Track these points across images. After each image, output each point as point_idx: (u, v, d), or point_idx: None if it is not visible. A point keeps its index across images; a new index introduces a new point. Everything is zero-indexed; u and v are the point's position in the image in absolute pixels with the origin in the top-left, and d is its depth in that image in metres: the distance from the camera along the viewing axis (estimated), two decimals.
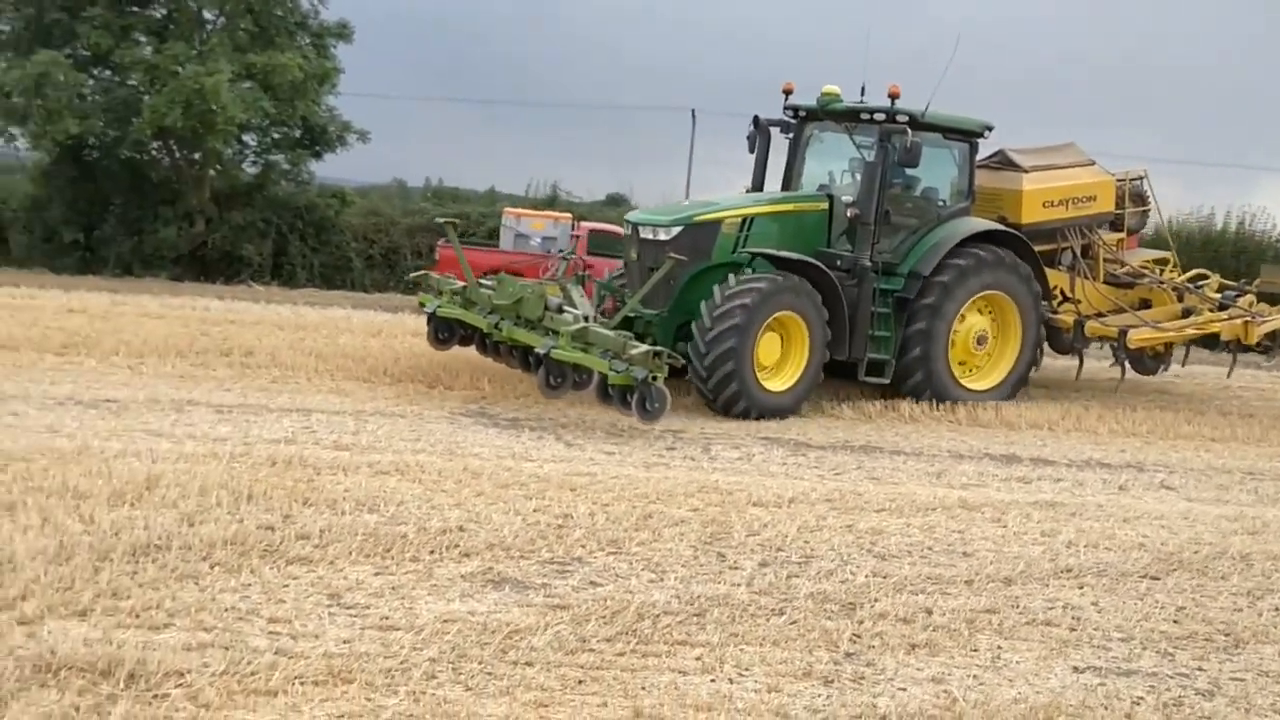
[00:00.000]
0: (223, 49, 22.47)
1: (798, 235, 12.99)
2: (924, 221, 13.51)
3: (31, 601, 5.09)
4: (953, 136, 13.73)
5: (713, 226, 12.57)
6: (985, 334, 13.60)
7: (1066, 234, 15.05)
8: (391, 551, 6.39)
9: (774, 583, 6.38)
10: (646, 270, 12.33)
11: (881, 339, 13.03)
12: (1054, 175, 15.04)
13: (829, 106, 13.68)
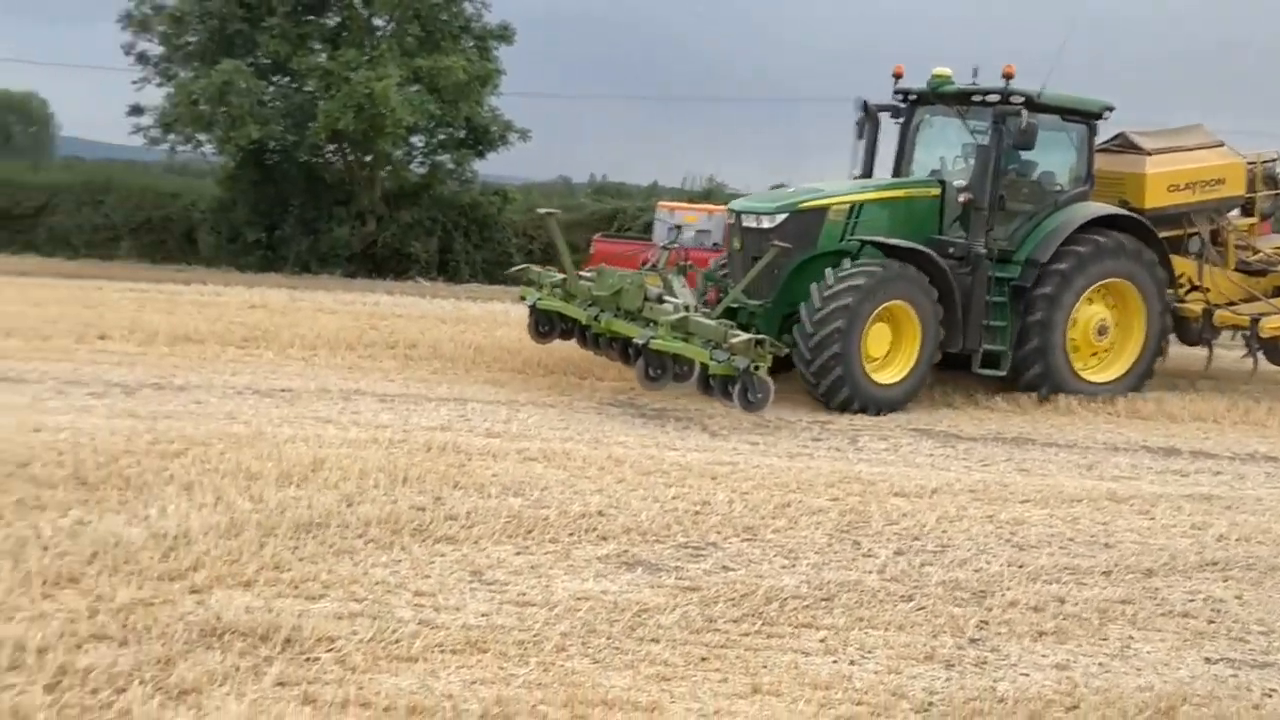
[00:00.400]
0: (391, 54, 23.34)
1: (908, 223, 12.49)
2: (1041, 207, 12.94)
3: (202, 572, 5.53)
4: (1070, 118, 13.13)
5: (819, 214, 12.17)
6: (1106, 324, 12.99)
7: (1193, 219, 14.33)
8: (533, 533, 6.68)
9: (906, 570, 6.44)
10: (750, 260, 12.03)
11: (997, 329, 12.50)
12: (1179, 157, 14.31)
13: (940, 89, 13.15)
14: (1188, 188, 14.11)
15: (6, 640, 4.52)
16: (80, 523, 6.22)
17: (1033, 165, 13.23)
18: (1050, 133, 12.90)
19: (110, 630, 4.75)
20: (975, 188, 12.44)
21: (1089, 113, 13.19)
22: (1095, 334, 12.85)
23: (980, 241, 12.31)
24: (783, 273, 11.94)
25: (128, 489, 7.03)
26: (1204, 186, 14.22)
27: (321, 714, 4.14)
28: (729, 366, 10.16)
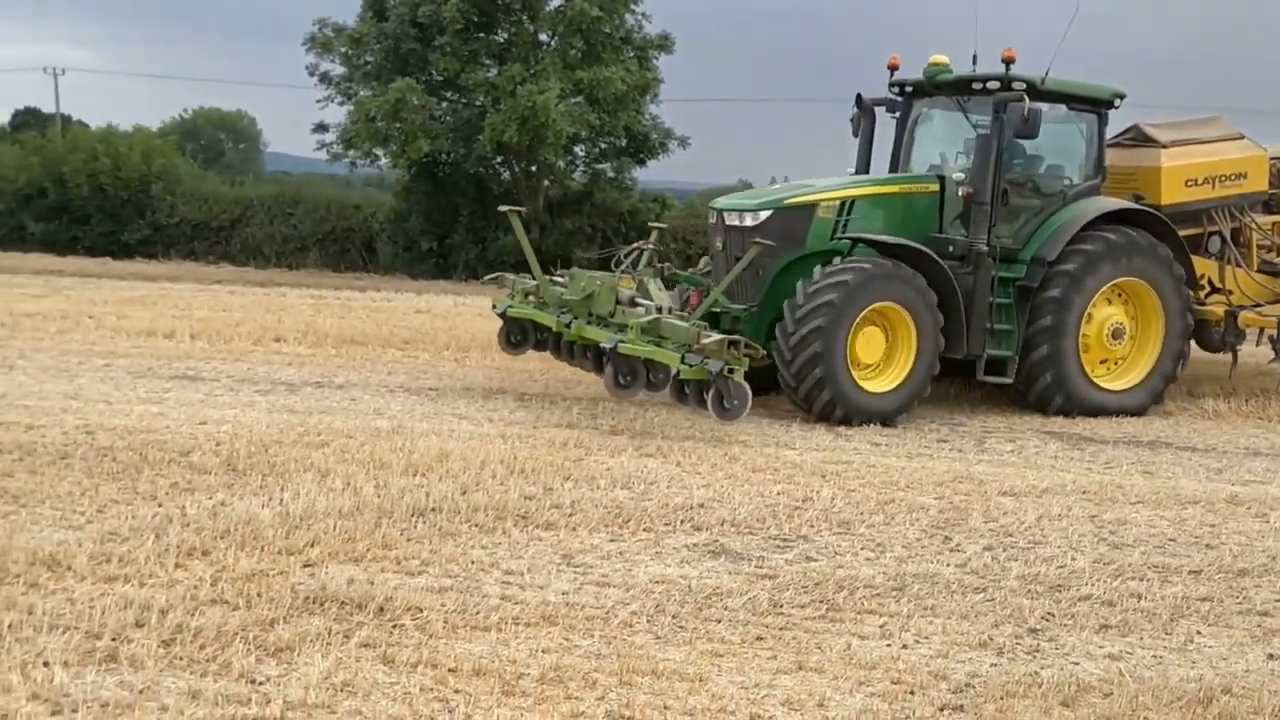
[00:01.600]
0: (554, 68, 24.16)
1: (906, 220, 11.73)
2: (1048, 202, 12.11)
3: (317, 548, 6.12)
4: (1079, 107, 12.27)
5: (806, 210, 11.43)
6: (1122, 327, 12.07)
7: (1214, 216, 13.31)
8: (629, 523, 7.06)
9: (989, 564, 6.56)
10: (733, 260, 11.25)
11: (1002, 333, 11.63)
12: (1197, 150, 13.31)
13: (937, 78, 12.32)
14: (1206, 182, 13.18)
15: (136, 600, 5.16)
16: (222, 504, 6.91)
17: (1040, 159, 12.56)
18: (1057, 123, 12.22)
19: (227, 596, 5.34)
20: (976, 181, 11.58)
21: (1098, 101, 12.34)
22: (1110, 338, 12.01)
23: (982, 239, 11.51)
24: (768, 274, 11.31)
25: (270, 475, 7.73)
26: (1224, 181, 13.28)
27: (395, 672, 4.61)
28: (701, 370, 9.53)
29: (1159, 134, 13.34)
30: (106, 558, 5.77)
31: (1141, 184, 13.01)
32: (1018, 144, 12.01)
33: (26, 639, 4.69)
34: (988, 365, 11.63)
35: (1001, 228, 11.75)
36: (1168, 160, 12.98)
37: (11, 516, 6.55)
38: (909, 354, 11.00)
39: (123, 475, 7.52)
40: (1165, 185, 12.94)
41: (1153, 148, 13.18)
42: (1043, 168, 12.50)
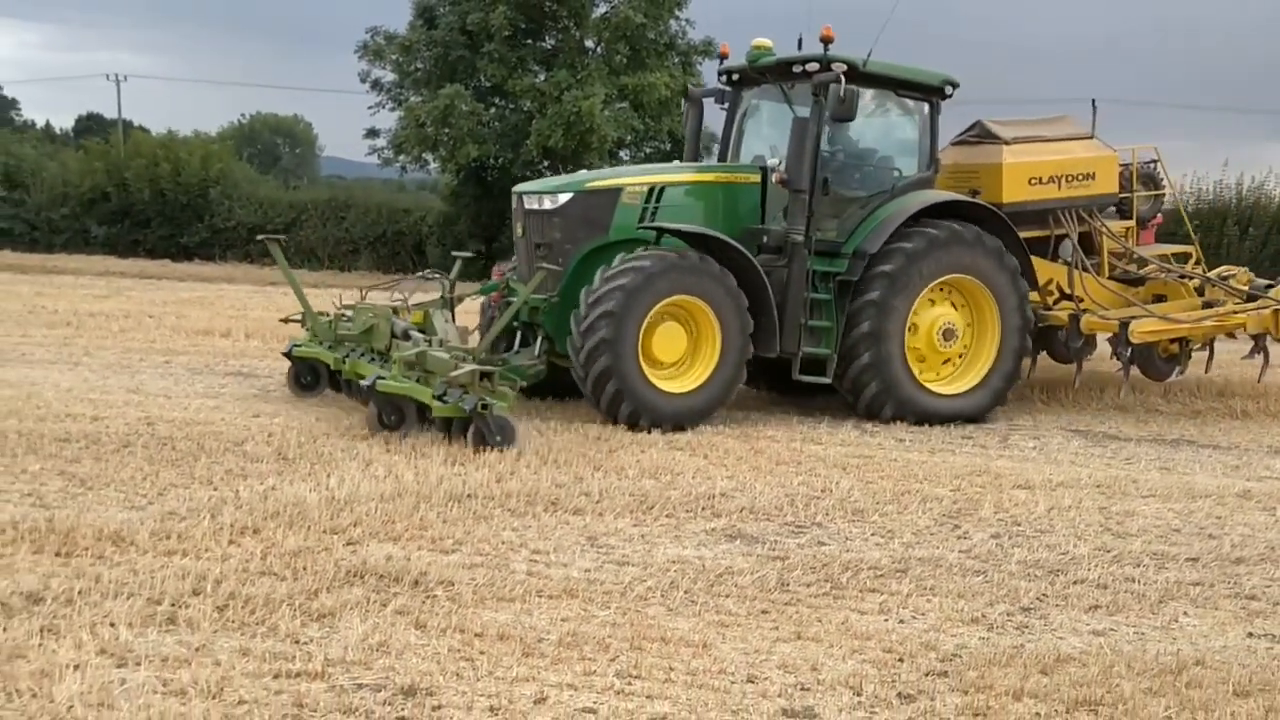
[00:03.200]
0: (599, 73, 24.66)
1: (725, 211, 11.13)
2: (874, 194, 11.49)
3: (359, 528, 6.58)
4: (908, 93, 11.74)
5: (609, 195, 10.82)
6: (953, 327, 11.45)
7: (1061, 218, 12.80)
8: (653, 509, 7.46)
9: (993, 550, 6.89)
10: (533, 247, 10.87)
11: (820, 330, 11.01)
12: (1042, 148, 12.82)
13: (758, 63, 11.66)
14: (1051, 181, 12.66)
15: (193, 571, 5.64)
16: (272, 488, 7.39)
17: (867, 149, 12.01)
18: (886, 110, 11.86)
19: (276, 569, 5.81)
20: (791, 168, 10.86)
21: (929, 87, 11.77)
22: (940, 339, 11.41)
23: (800, 230, 10.86)
24: (568, 261, 10.71)
25: (317, 463, 8.23)
26: (1071, 181, 12.78)
27: (426, 636, 5.04)
28: (455, 408, 8.75)
29: (1002, 130, 12.90)
30: (166, 534, 6.27)
31: (983, 181, 12.50)
32: (843, 133, 11.56)
33: (94, 603, 5.17)
34: (805, 364, 11.10)
35: (825, 220, 11.23)
36: (1010, 157, 12.51)
37: (79, 498, 7.08)
38: (713, 353, 10.40)
39: (181, 462, 8.04)
40: (1007, 183, 12.44)
41: (995, 144, 12.71)
42: (870, 158, 12.00)
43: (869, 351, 10.93)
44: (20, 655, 4.59)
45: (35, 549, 5.96)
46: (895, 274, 10.96)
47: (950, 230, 11.23)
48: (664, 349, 10.30)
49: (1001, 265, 11.46)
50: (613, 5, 25.49)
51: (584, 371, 10.05)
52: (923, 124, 11.86)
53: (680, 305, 10.28)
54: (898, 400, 11.10)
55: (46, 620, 4.96)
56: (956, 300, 11.58)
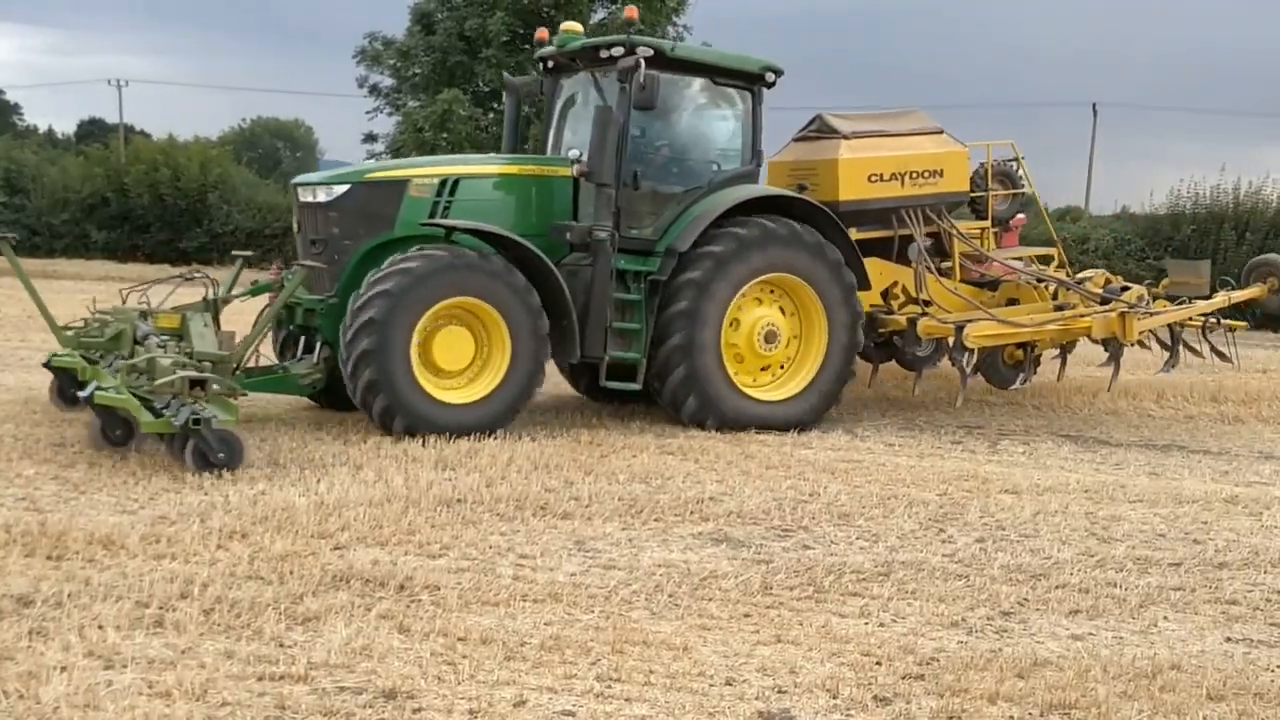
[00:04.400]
0: None
1: (530, 206, 10.43)
2: (692, 189, 10.86)
3: (347, 533, 6.64)
4: (725, 81, 10.99)
5: (395, 187, 10.04)
6: (776, 330, 10.81)
7: (905, 217, 12.07)
8: (641, 514, 7.52)
9: (976, 555, 6.95)
10: (309, 243, 10.13)
11: (629, 333, 10.30)
12: (883, 143, 12.14)
13: (566, 48, 11.01)
14: (894, 179, 11.98)
15: (181, 575, 5.70)
16: (262, 493, 7.45)
17: (690, 143, 11.27)
18: (703, 99, 11.13)
19: (263, 573, 5.87)
20: (593, 159, 10.08)
21: (748, 74, 11.02)
22: (761, 341, 10.79)
23: (606, 226, 10.09)
24: (345, 259, 9.92)
25: (308, 467, 8.29)
26: (916, 179, 12.09)
27: (410, 639, 5.09)
28: (166, 424, 7.77)
29: (841, 124, 12.28)
30: (156, 538, 6.32)
31: (820, 178, 11.92)
32: (655, 123, 10.89)
33: (83, 605, 5.23)
34: (613, 370, 10.42)
35: (637, 217, 10.59)
36: (847, 152, 11.89)
37: (72, 502, 7.14)
38: (503, 359, 9.65)
39: (173, 467, 8.09)
40: (844, 179, 11.79)
41: (832, 139, 12.09)
42: (687, 151, 11.26)
43: (683, 365, 10.34)
44: (8, 657, 4.65)
45: (27, 552, 6.02)
46: (704, 281, 10.35)
47: (763, 228, 10.58)
48: (448, 356, 9.54)
49: (822, 260, 10.84)
50: (610, 11, 25.59)
51: (351, 384, 9.35)
52: (744, 115, 11.16)
53: (464, 308, 9.52)
54: (719, 412, 10.50)
55: (36, 623, 5.02)
56: (786, 305, 11.01)
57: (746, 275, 10.58)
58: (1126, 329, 11.65)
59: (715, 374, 10.48)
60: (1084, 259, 29.76)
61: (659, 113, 10.64)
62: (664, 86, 10.25)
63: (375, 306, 9.18)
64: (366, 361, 9.19)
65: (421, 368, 9.43)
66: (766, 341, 10.80)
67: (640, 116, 10.48)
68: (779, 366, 11.05)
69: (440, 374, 9.58)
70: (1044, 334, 11.96)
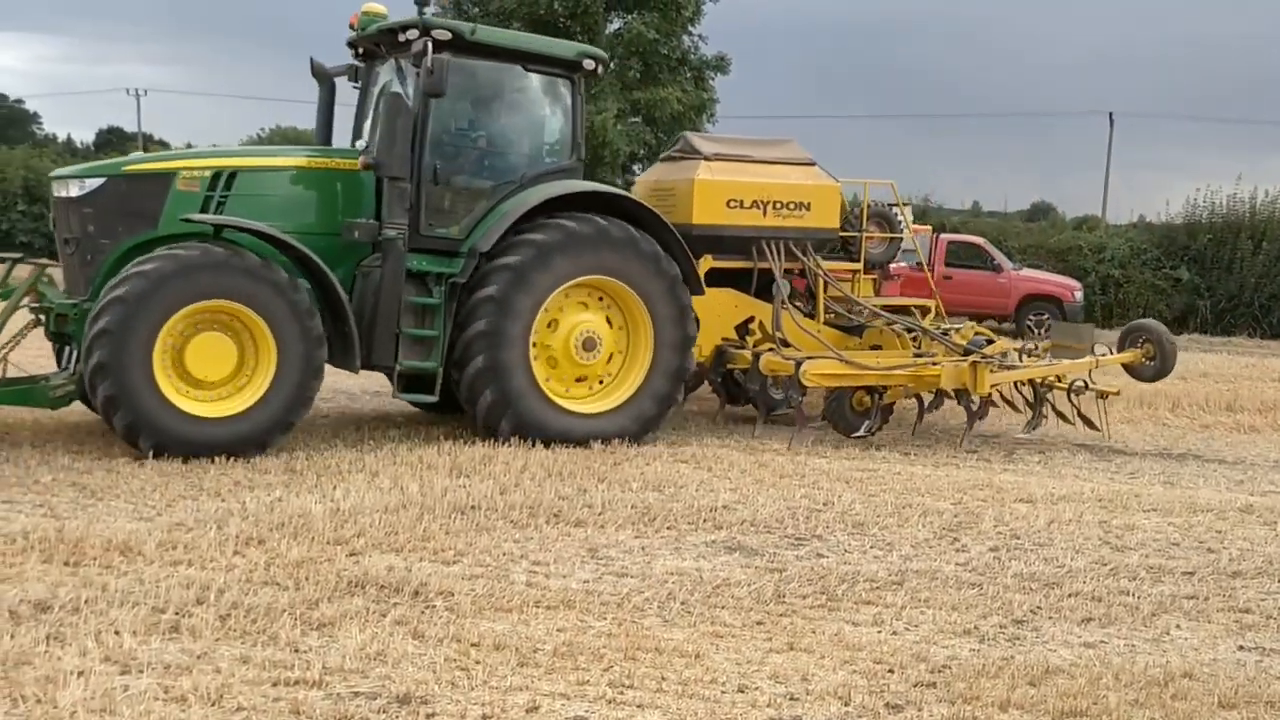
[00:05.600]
0: (612, 89, 24.81)
1: (324, 202, 9.63)
2: (504, 184, 10.09)
3: (362, 539, 6.68)
4: (540, 69, 10.22)
5: (159, 181, 9.16)
6: (595, 338, 10.03)
7: (766, 250, 11.48)
8: (654, 521, 7.54)
9: (990, 564, 6.95)
10: (63, 242, 9.30)
11: (425, 341, 9.53)
12: (746, 169, 11.57)
13: (367, 31, 10.19)
14: (755, 206, 11.44)
15: (197, 581, 5.75)
16: (278, 500, 7.50)
17: (502, 136, 10.49)
18: (517, 88, 10.34)
19: (279, 579, 5.91)
20: (381, 150, 9.30)
21: (563, 61, 10.27)
22: (579, 349, 9.99)
23: (400, 224, 9.32)
24: (101, 259, 9.03)
25: (324, 475, 8.34)
26: (780, 209, 11.55)
27: (424, 645, 5.13)
28: None
29: (703, 145, 11.86)
30: (173, 545, 6.37)
31: (677, 200, 11.40)
32: (463, 112, 10.22)
33: (100, 611, 5.28)
34: (406, 381, 9.66)
35: (442, 215, 9.85)
36: (705, 173, 11.38)
37: (90, 508, 7.20)
38: (268, 369, 8.78)
39: (190, 474, 8.15)
40: (698, 202, 11.23)
41: (693, 160, 11.62)
42: (499, 143, 10.47)
43: (484, 354, 9.47)
44: (26, 662, 4.69)
45: (45, 558, 6.07)
46: (520, 268, 9.55)
47: (595, 226, 9.84)
48: (205, 366, 8.64)
49: (656, 271, 10.08)
50: (626, 21, 25.69)
51: (92, 400, 8.56)
52: (562, 105, 10.42)
53: (222, 312, 8.66)
54: (518, 415, 9.64)
55: (53, 628, 5.06)
56: (615, 316, 10.25)
57: (569, 272, 9.82)
58: (978, 381, 10.81)
59: (520, 372, 9.65)
60: (1100, 268, 29.71)
61: (466, 101, 10.09)
62: (468, 73, 9.77)
63: (109, 315, 8.29)
64: (101, 375, 8.30)
65: (174, 380, 8.57)
66: (584, 349, 10.01)
67: (447, 106, 9.82)
68: (598, 381, 10.25)
69: (200, 386, 8.67)
70: (892, 379, 10.92)
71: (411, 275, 9.50)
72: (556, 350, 9.98)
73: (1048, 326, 23.89)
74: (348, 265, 9.57)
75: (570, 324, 9.97)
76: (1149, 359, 11.88)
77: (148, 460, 8.47)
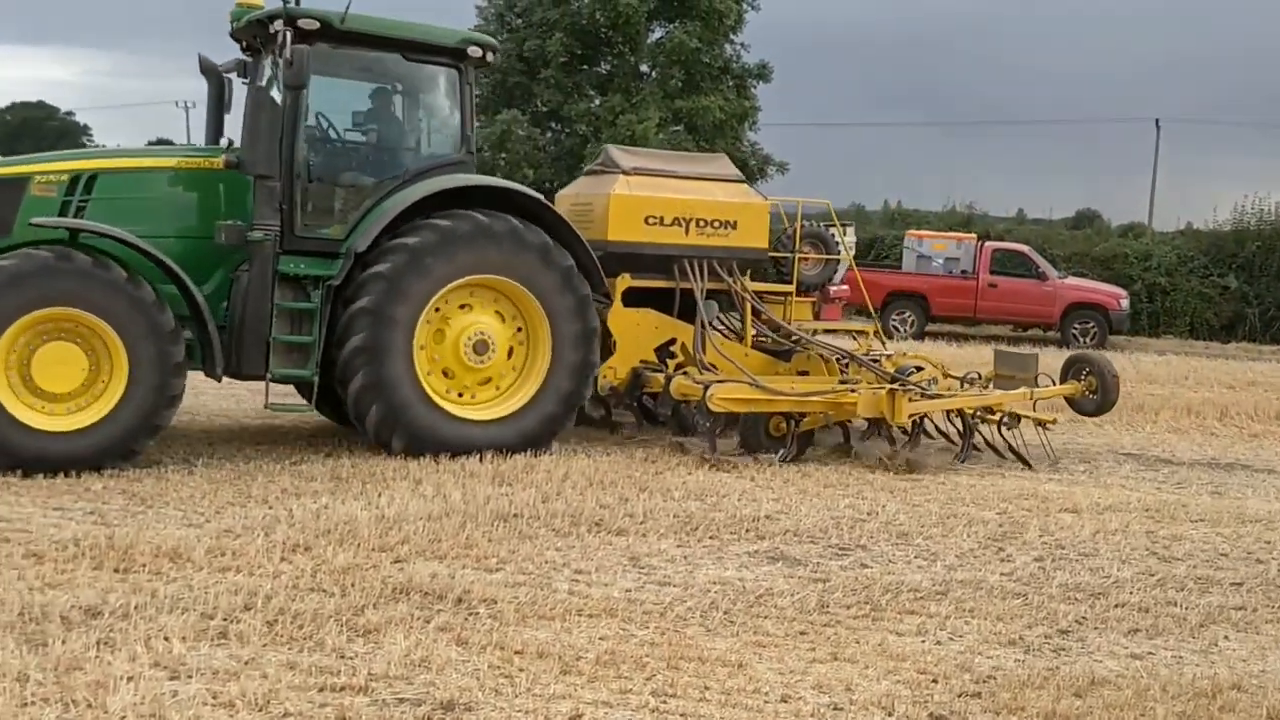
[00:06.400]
0: (654, 98, 24.90)
1: (196, 205, 9.18)
2: (387, 179, 9.63)
3: (406, 546, 6.73)
4: (420, 58, 9.72)
5: (12, 186, 8.74)
6: (488, 338, 9.47)
7: (688, 269, 10.92)
8: (697, 531, 7.54)
9: (1035, 574, 6.90)
10: None
11: (298, 347, 9.04)
12: (666, 184, 11.04)
13: (240, 22, 9.61)
14: (676, 224, 10.86)
15: (245, 587, 5.82)
16: (325, 507, 7.57)
17: (384, 130, 10.09)
18: (398, 80, 9.92)
19: (325, 585, 5.97)
20: (245, 146, 8.83)
21: (444, 49, 9.73)
22: (469, 352, 9.46)
23: (269, 224, 8.84)
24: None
25: (369, 482, 8.40)
26: (704, 228, 10.97)
27: (468, 652, 5.16)
28: None
29: (623, 159, 11.33)
30: (221, 551, 6.45)
31: (595, 214, 10.88)
32: (339, 105, 9.77)
33: (150, 617, 5.35)
34: (315, 391, 9.29)
35: (322, 213, 9.43)
36: (622, 188, 10.83)
37: (139, 515, 7.30)
38: (119, 379, 8.33)
39: (239, 481, 8.25)
40: (614, 217, 10.68)
41: (611, 174, 11.12)
42: (380, 138, 10.10)
43: (364, 370, 9.05)
44: (78, 667, 4.77)
45: (95, 565, 6.16)
46: (394, 275, 9.07)
47: (474, 223, 9.31)
48: (52, 377, 8.19)
49: (546, 264, 9.56)
50: (668, 31, 25.77)
51: None
52: (449, 96, 9.93)
53: (66, 320, 8.21)
54: (408, 428, 9.22)
55: (104, 634, 5.14)
56: (506, 309, 9.71)
57: (450, 273, 9.30)
58: (895, 409, 10.18)
59: (405, 383, 9.18)
60: (1146, 276, 29.40)
61: (344, 94, 9.70)
62: (345, 64, 9.45)
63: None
64: None
65: (20, 392, 8.15)
66: (476, 353, 9.47)
67: (322, 99, 9.38)
68: (496, 385, 9.75)
69: (50, 398, 8.24)
70: (807, 406, 10.24)
71: (289, 279, 9.08)
72: (447, 356, 9.49)
73: (1094, 335, 23.68)
74: (226, 269, 9.14)
75: (459, 327, 9.46)
76: (1090, 392, 11.16)
77: (197, 468, 8.58)
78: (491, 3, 26.96)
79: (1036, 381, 11.10)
